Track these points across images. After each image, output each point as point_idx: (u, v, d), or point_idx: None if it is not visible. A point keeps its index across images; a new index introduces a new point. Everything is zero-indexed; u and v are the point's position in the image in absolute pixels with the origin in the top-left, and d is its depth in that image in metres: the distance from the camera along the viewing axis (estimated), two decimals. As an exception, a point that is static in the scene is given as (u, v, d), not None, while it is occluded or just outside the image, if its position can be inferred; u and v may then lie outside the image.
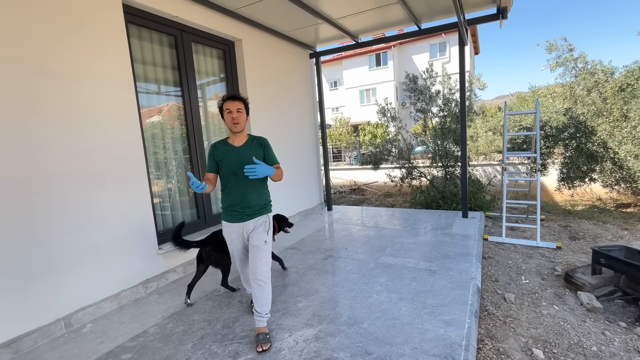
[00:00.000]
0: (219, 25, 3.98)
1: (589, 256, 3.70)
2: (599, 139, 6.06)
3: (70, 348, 2.30)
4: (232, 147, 2.24)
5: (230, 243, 2.36)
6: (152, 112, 3.55)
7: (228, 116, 2.18)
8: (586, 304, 2.72)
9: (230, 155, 2.21)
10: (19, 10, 2.29)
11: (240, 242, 2.32)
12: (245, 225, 2.24)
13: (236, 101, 2.19)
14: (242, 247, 2.35)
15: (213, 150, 2.28)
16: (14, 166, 2.27)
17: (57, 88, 2.49)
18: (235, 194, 2.21)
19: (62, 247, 2.52)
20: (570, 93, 7.09)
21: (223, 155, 2.22)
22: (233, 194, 2.22)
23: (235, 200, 2.21)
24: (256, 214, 2.25)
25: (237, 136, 2.26)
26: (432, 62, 8.66)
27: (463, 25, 4.35)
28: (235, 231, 2.27)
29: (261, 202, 2.28)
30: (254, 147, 2.26)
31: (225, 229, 2.33)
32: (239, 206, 2.21)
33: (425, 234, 4.37)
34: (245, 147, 2.25)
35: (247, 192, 2.21)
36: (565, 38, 6.83)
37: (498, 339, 2.37)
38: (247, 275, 2.45)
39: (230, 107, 2.17)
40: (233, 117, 2.17)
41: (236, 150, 2.22)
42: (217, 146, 2.29)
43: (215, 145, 2.30)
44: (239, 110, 2.19)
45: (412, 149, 8.04)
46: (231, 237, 2.31)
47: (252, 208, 2.23)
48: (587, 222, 5.29)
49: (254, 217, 2.25)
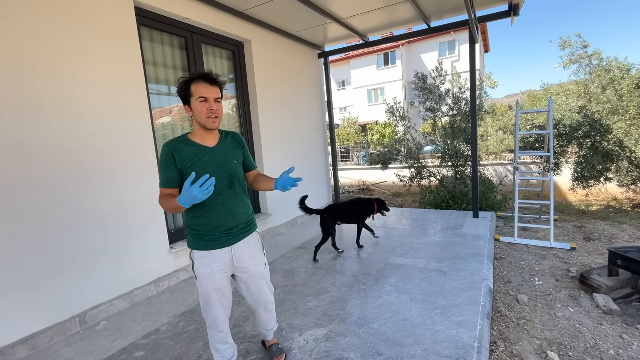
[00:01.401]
0: (229, 26, 4.01)
1: (604, 257, 3.61)
2: (615, 138, 5.91)
3: (84, 345, 2.34)
4: (204, 148, 1.62)
5: (208, 280, 1.64)
6: (162, 113, 3.60)
7: (201, 105, 1.54)
8: (602, 306, 2.65)
9: (204, 160, 1.59)
10: (40, 18, 2.35)
11: (224, 276, 1.68)
12: (235, 250, 1.69)
13: (214, 86, 1.57)
14: (225, 284, 1.70)
15: (171, 153, 1.56)
16: (25, 165, 2.32)
17: (84, 93, 2.55)
18: (217, 211, 1.62)
19: (77, 246, 2.57)
20: (584, 90, 6.93)
21: (191, 160, 1.57)
22: (213, 212, 1.62)
23: (218, 219, 1.63)
24: (245, 232, 1.73)
25: (209, 133, 1.65)
26: (441, 60, 8.59)
27: (473, 23, 4.29)
28: (219, 261, 1.65)
29: (248, 213, 1.77)
30: (231, 147, 1.71)
31: (202, 262, 1.64)
32: (225, 227, 1.65)
33: (435, 234, 4.33)
34: (220, 146, 1.67)
35: (233, 206, 1.67)
36: (579, 34, 6.68)
37: (511, 341, 2.33)
38: (227, 330, 1.79)
39: (205, 94, 1.53)
40: (210, 109, 1.55)
41: (211, 152, 1.63)
42: (176, 147, 1.58)
43: (174, 147, 1.58)
44: (217, 99, 1.59)
45: (421, 149, 7.97)
46: (211, 270, 1.64)
47: (240, 225, 1.71)
48: (602, 223, 5.17)
49: (244, 237, 1.73)
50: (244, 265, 1.73)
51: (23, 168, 2.28)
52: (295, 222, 5.30)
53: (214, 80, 1.57)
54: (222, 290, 1.69)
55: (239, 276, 1.77)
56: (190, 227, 1.67)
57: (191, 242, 1.68)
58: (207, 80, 1.55)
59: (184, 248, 3.41)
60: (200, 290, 1.68)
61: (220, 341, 1.77)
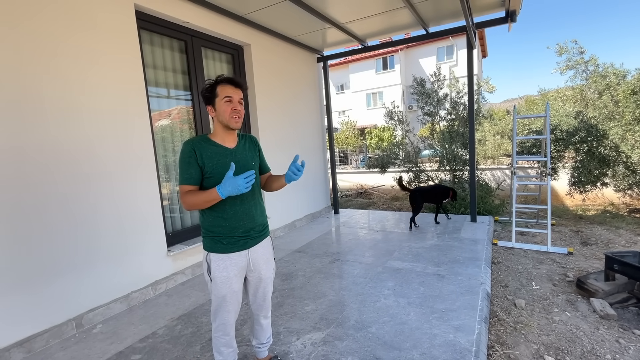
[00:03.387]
0: (229, 31, 4.04)
1: (601, 262, 3.62)
2: (611, 143, 5.95)
3: (81, 348, 2.33)
4: (225, 149, 1.66)
5: (224, 284, 1.65)
6: (161, 116, 3.61)
7: (226, 106, 1.60)
8: (599, 310, 2.66)
9: (225, 160, 1.63)
10: (44, 22, 2.36)
11: (239, 279, 1.70)
12: (251, 254, 1.71)
13: (239, 89, 1.65)
14: (240, 287, 1.73)
15: (193, 150, 1.59)
16: (22, 168, 2.32)
17: (91, 96, 2.55)
18: (236, 212, 1.65)
19: (73, 249, 2.56)
20: (581, 96, 6.99)
21: (213, 160, 1.61)
22: (232, 212, 1.64)
23: (236, 220, 1.65)
24: (262, 236, 1.77)
25: (229, 134, 1.70)
26: (439, 65, 8.64)
27: (471, 29, 4.34)
28: (236, 265, 1.66)
29: (265, 218, 1.82)
30: (249, 149, 1.77)
31: (219, 265, 1.64)
32: (243, 228, 1.67)
33: (433, 238, 4.34)
34: (240, 148, 1.72)
35: (251, 208, 1.70)
36: (575, 41, 6.75)
37: (509, 346, 2.33)
38: (232, 333, 1.79)
39: (232, 94, 1.60)
40: (235, 109, 1.61)
41: (231, 154, 1.67)
42: (200, 146, 1.61)
43: (197, 145, 1.61)
44: (241, 101, 1.65)
45: (420, 153, 8.01)
46: (228, 274, 1.64)
47: (258, 228, 1.74)
48: (599, 228, 5.19)
49: (260, 240, 1.75)
50: (258, 269, 1.74)
51: (20, 171, 2.28)
52: (294, 226, 5.30)
53: (239, 84, 1.66)
54: (236, 294, 1.70)
55: (250, 279, 1.77)
56: (207, 230, 1.67)
57: (208, 245, 1.67)
58: (232, 83, 1.63)
59: (182, 251, 3.41)
60: (215, 293, 1.67)
61: (225, 344, 1.77)
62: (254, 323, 1.92)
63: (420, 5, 4.19)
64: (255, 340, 1.95)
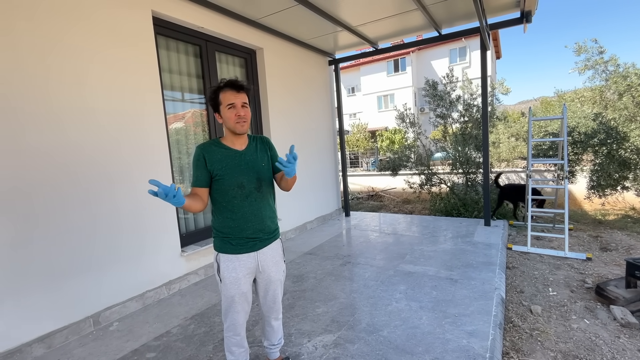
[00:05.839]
0: (242, 35, 4.10)
1: (622, 268, 3.50)
2: (632, 145, 5.75)
3: (98, 345, 2.39)
4: (234, 152, 1.69)
5: (233, 284, 1.66)
6: (176, 118, 3.69)
7: (229, 112, 1.61)
8: (620, 318, 2.57)
9: (234, 163, 1.66)
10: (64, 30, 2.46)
11: (248, 280, 1.72)
12: (260, 256, 1.71)
13: (240, 92, 1.63)
14: (249, 288, 1.73)
15: (203, 154, 1.64)
16: (44, 169, 2.41)
17: (119, 103, 2.64)
18: (244, 213, 1.66)
19: (93, 248, 2.64)
20: (600, 97, 6.78)
21: (223, 163, 1.64)
22: (241, 213, 1.66)
23: (245, 221, 1.66)
24: (272, 238, 1.77)
25: (238, 138, 1.71)
26: (452, 67, 8.56)
27: (485, 30, 4.29)
28: (245, 266, 1.68)
29: (275, 220, 1.82)
30: (259, 151, 1.77)
31: (228, 265, 1.67)
32: (251, 229, 1.68)
33: (446, 242, 4.28)
34: (249, 150, 1.73)
35: (260, 209, 1.71)
36: (595, 40, 6.56)
37: (524, 353, 2.28)
38: (243, 333, 1.81)
39: (233, 101, 1.60)
40: (238, 114, 1.61)
41: (241, 156, 1.69)
42: (209, 149, 1.65)
43: (207, 149, 1.66)
44: (244, 104, 1.64)
45: (432, 155, 7.92)
46: (237, 275, 1.66)
47: (267, 230, 1.74)
48: (619, 233, 5.02)
49: (270, 242, 1.75)
50: (266, 271, 1.75)
51: (42, 172, 2.37)
52: (305, 228, 5.32)
53: (240, 86, 1.64)
54: (245, 295, 1.71)
55: (259, 281, 1.79)
56: (217, 230, 1.71)
57: (218, 245, 1.71)
58: (233, 87, 1.62)
59: (195, 252, 3.46)
60: (224, 294, 1.70)
61: (236, 344, 1.79)
62: (265, 324, 1.93)
63: (433, 7, 4.16)
64: (267, 341, 1.96)
